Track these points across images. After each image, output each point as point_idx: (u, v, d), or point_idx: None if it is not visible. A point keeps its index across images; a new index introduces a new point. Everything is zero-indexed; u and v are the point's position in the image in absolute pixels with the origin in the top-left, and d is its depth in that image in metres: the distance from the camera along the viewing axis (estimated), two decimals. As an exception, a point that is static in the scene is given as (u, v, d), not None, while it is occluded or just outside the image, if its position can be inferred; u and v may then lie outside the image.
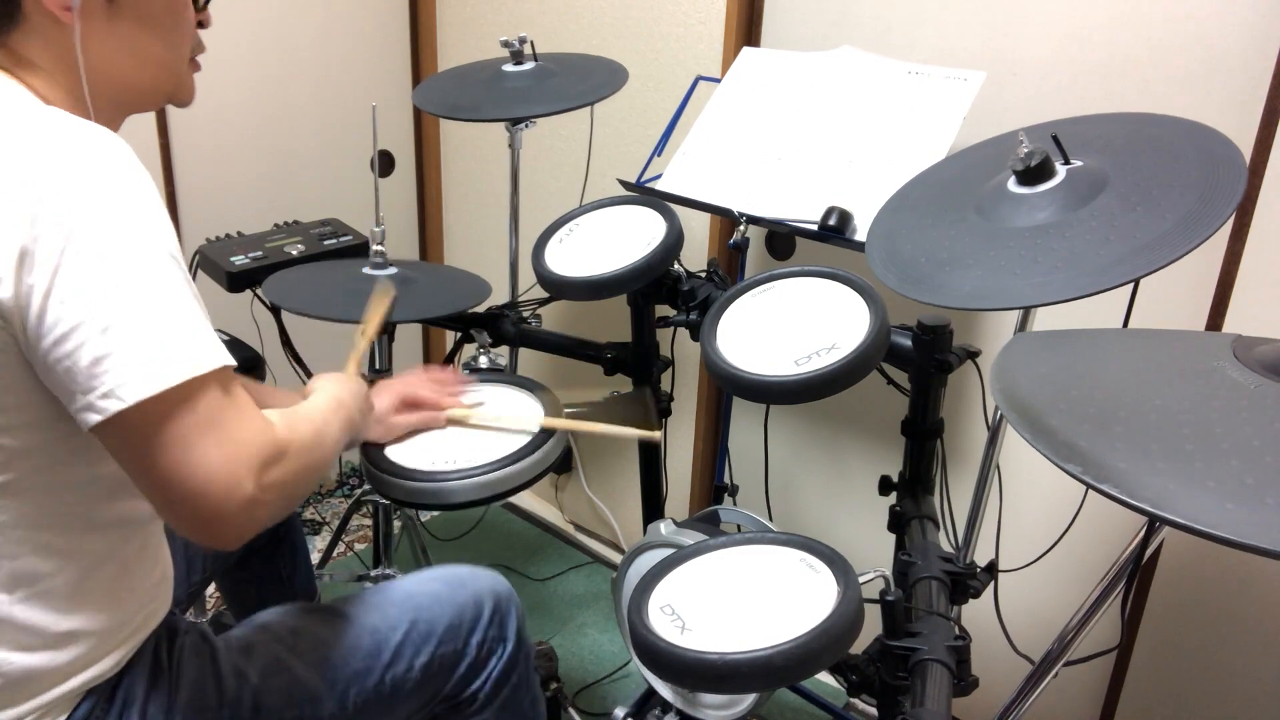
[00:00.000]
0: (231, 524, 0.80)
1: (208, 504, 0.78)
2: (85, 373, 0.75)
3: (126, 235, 0.77)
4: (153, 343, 0.77)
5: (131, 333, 0.76)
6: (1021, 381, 0.84)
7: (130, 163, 0.80)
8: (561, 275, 1.40)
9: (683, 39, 1.89)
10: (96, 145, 0.79)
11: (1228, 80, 1.33)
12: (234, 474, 0.78)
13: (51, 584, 0.86)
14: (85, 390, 0.76)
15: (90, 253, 0.75)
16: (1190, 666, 1.55)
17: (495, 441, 1.22)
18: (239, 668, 1.00)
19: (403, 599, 1.12)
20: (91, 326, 0.75)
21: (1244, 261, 1.35)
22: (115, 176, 0.78)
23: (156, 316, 0.77)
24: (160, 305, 0.78)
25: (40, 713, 0.87)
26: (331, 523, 2.41)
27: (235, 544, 0.82)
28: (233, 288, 1.74)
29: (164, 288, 0.78)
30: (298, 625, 1.08)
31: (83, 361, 0.75)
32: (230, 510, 0.78)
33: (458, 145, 2.48)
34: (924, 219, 1.14)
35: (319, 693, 1.03)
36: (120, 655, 0.92)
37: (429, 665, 1.09)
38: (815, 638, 0.86)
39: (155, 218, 0.80)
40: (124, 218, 0.77)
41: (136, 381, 0.75)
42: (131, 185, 0.79)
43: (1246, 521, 0.62)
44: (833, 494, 1.94)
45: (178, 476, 0.77)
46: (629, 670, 1.94)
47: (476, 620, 1.13)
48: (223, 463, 0.78)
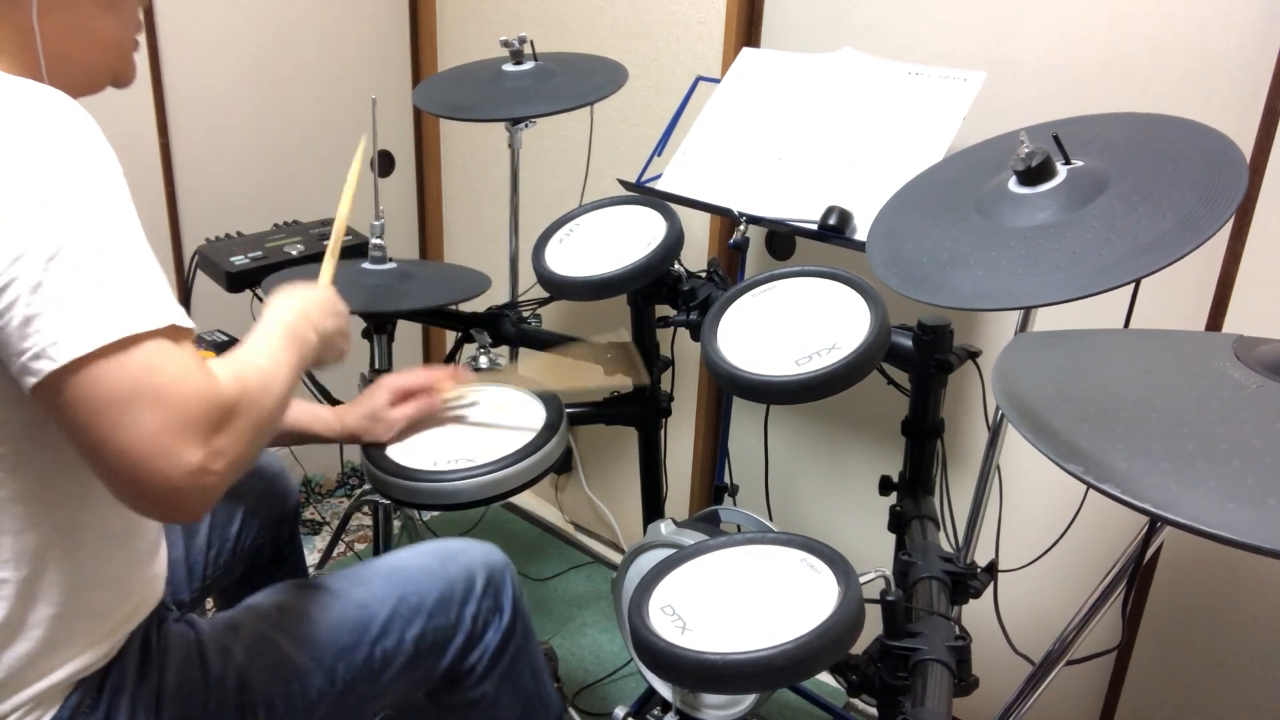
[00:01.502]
0: (179, 495, 0.75)
1: (148, 474, 0.73)
2: (18, 333, 0.72)
3: (62, 192, 0.74)
4: (86, 299, 0.72)
5: (63, 290, 0.72)
6: (1022, 381, 0.84)
7: (72, 119, 0.76)
8: (561, 275, 1.40)
9: (683, 39, 1.89)
10: (36, 103, 0.76)
11: (1228, 80, 1.33)
12: (175, 441, 0.73)
13: (54, 562, 0.85)
14: (19, 352, 0.72)
15: (23, 211, 0.72)
16: (1190, 666, 1.55)
17: (496, 441, 1.22)
18: (224, 646, 0.99)
19: (390, 572, 1.11)
20: (23, 284, 0.71)
21: (1244, 261, 1.35)
22: (54, 133, 0.75)
23: (92, 272, 0.73)
24: (98, 261, 0.74)
25: (30, 705, 0.87)
26: (331, 523, 2.41)
27: (191, 516, 0.78)
28: (233, 288, 1.74)
29: (103, 242, 0.74)
30: (283, 602, 1.07)
31: (15, 321, 0.72)
32: (174, 480, 0.74)
33: (458, 145, 2.48)
34: (925, 219, 1.14)
35: (306, 668, 1.02)
36: (110, 645, 0.92)
37: (421, 638, 1.08)
38: (816, 638, 0.86)
39: (96, 173, 0.76)
40: (61, 174, 0.74)
41: (67, 340, 0.71)
42: (69, 139, 0.76)
43: (1247, 521, 0.62)
44: (833, 494, 1.94)
45: (115, 445, 0.73)
46: (629, 670, 1.94)
47: (469, 592, 1.12)
48: (161, 428, 0.73)
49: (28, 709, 0.87)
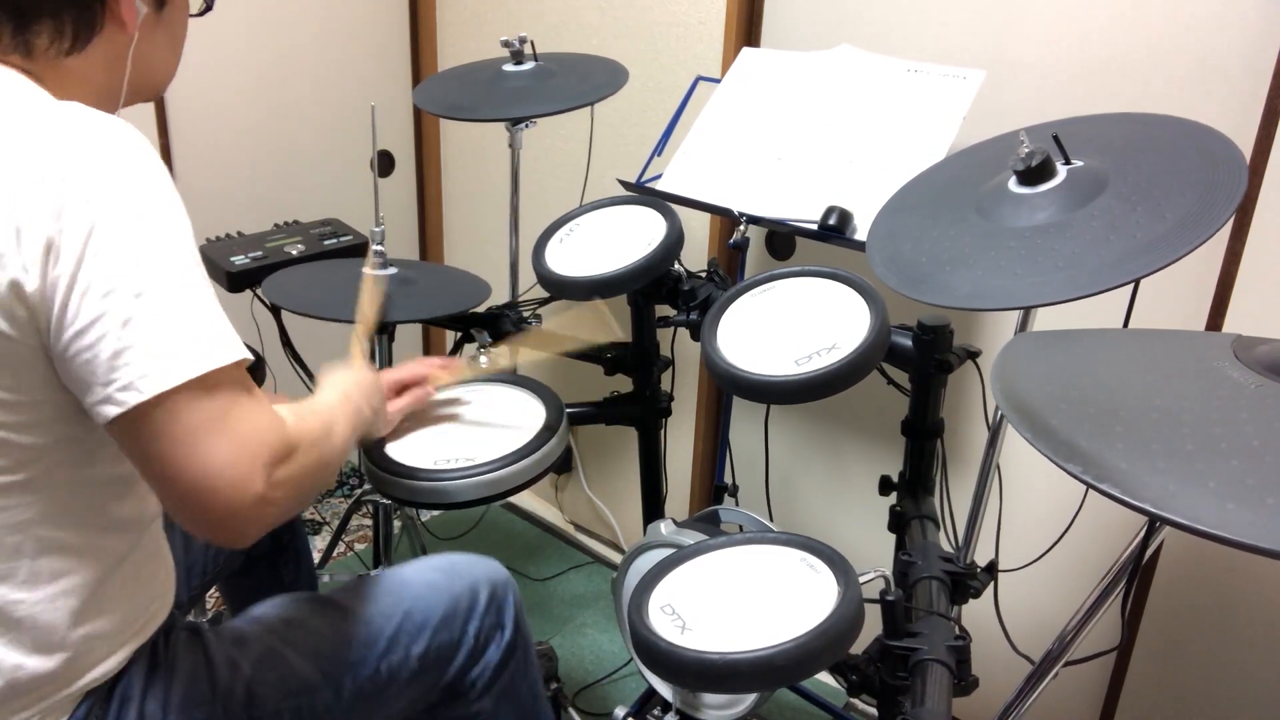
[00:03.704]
0: (240, 521, 0.79)
1: (216, 500, 0.78)
2: (106, 365, 0.76)
3: (148, 228, 0.78)
4: (172, 336, 0.77)
5: (152, 326, 0.76)
6: (1022, 381, 0.84)
7: (150, 154, 0.81)
8: (561, 275, 1.40)
9: (683, 39, 1.89)
10: (117, 137, 0.80)
11: (1228, 80, 1.33)
12: (244, 470, 0.78)
13: (70, 583, 0.86)
14: (105, 383, 0.76)
15: (113, 245, 0.76)
16: (1190, 667, 1.55)
17: (496, 441, 1.22)
18: (232, 659, 1.00)
19: (397, 588, 1.12)
20: (113, 319, 0.76)
21: (1244, 261, 1.35)
22: (137, 169, 0.79)
23: (176, 309, 0.78)
24: (180, 298, 0.78)
25: (40, 715, 0.87)
26: (331, 522, 2.41)
27: (244, 542, 0.82)
28: (233, 288, 1.74)
29: (183, 280, 0.79)
30: (291, 616, 1.07)
31: (103, 354, 0.76)
32: (239, 507, 0.78)
33: (458, 145, 2.48)
34: (924, 219, 1.14)
35: (314, 683, 1.02)
36: (121, 656, 0.92)
37: (426, 654, 1.09)
38: (815, 638, 0.86)
39: (175, 210, 0.81)
40: (145, 210, 0.78)
41: (156, 374, 0.76)
42: (152, 178, 0.80)
43: (1247, 521, 0.62)
44: (833, 494, 1.94)
45: (188, 472, 0.77)
46: (629, 670, 1.94)
47: (473, 608, 1.13)
48: (233, 458, 0.78)
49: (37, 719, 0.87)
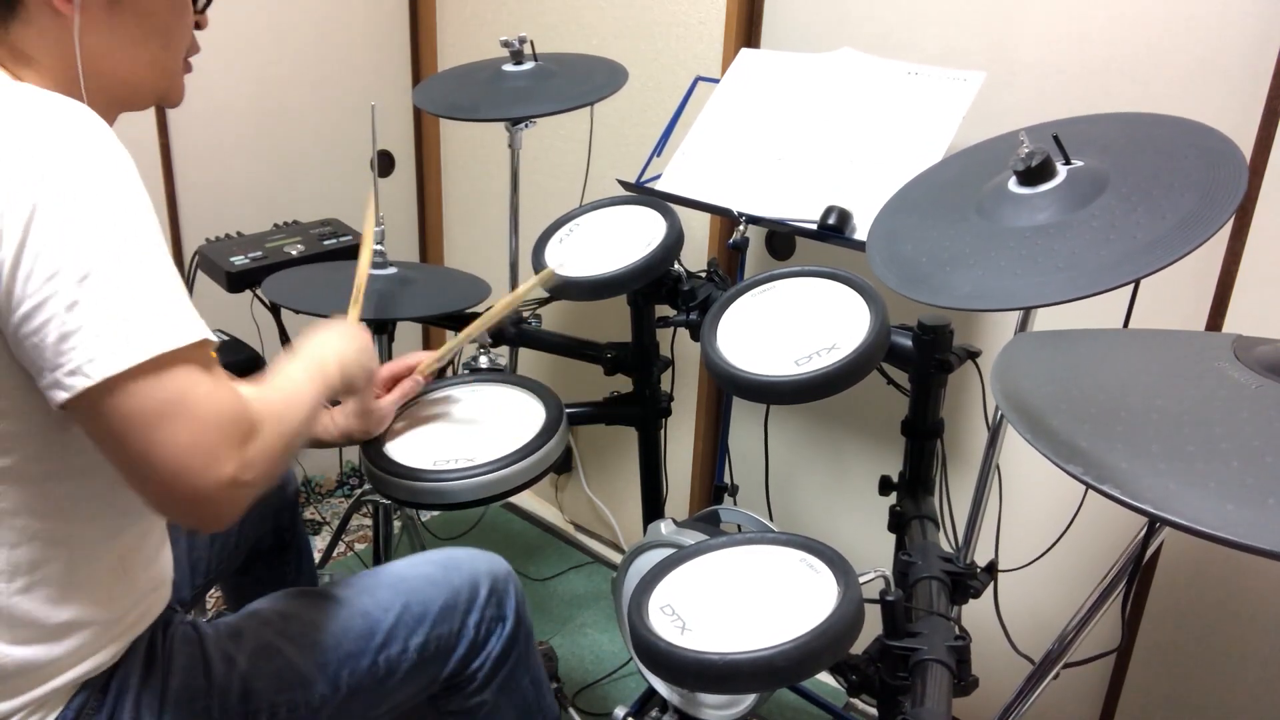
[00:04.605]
0: (212, 505, 0.78)
1: (182, 486, 0.76)
2: (53, 349, 0.74)
3: (94, 208, 0.75)
4: (120, 319, 0.74)
5: (99, 309, 0.74)
6: (1022, 382, 0.84)
7: (102, 134, 0.78)
8: (561, 275, 1.40)
9: (683, 39, 1.89)
10: (66, 117, 0.77)
11: (1228, 80, 1.33)
12: (209, 454, 0.76)
13: (49, 572, 0.86)
14: (53, 368, 0.74)
15: (55, 227, 0.73)
16: (1190, 668, 1.55)
17: (496, 441, 1.22)
18: (227, 653, 1.00)
19: (395, 581, 1.12)
20: (59, 302, 0.73)
21: (1244, 261, 1.35)
22: (84, 149, 0.77)
23: (125, 291, 0.75)
24: (129, 280, 0.75)
25: (35, 706, 0.87)
26: (331, 523, 2.41)
27: (220, 525, 0.80)
28: (232, 288, 1.74)
29: (134, 261, 0.76)
30: (287, 609, 1.07)
31: (50, 338, 0.73)
32: (207, 491, 0.76)
33: (458, 145, 2.48)
34: (924, 219, 1.14)
35: (310, 676, 1.02)
36: (116, 649, 0.92)
37: (425, 647, 1.09)
38: (815, 638, 0.86)
39: (126, 190, 0.78)
40: (93, 190, 0.75)
41: (103, 358, 0.73)
42: (101, 157, 0.77)
43: (1247, 522, 0.62)
44: (833, 494, 1.94)
45: (151, 457, 0.75)
46: (629, 670, 1.94)
47: (473, 601, 1.13)
48: (194, 442, 0.75)
49: (31, 710, 0.87)
